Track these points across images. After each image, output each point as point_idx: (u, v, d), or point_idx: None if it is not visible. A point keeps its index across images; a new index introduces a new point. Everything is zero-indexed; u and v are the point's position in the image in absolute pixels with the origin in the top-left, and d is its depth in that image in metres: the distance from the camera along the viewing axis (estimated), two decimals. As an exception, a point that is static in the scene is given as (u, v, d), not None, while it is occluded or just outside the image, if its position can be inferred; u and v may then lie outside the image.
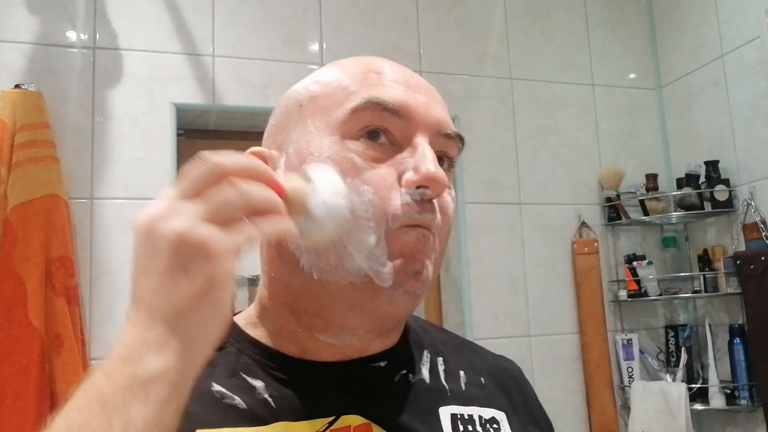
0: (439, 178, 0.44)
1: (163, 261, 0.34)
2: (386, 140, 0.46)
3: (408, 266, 0.44)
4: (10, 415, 1.31)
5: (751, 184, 1.77)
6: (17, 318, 1.35)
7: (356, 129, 0.46)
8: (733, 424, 1.83)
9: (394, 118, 0.46)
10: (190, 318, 0.34)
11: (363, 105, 0.45)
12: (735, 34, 1.83)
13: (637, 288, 1.91)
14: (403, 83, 0.48)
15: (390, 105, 0.45)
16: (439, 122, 0.48)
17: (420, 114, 0.46)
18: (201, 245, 0.33)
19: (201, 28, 1.69)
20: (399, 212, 0.43)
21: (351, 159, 0.44)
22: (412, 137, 0.46)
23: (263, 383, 0.45)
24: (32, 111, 1.44)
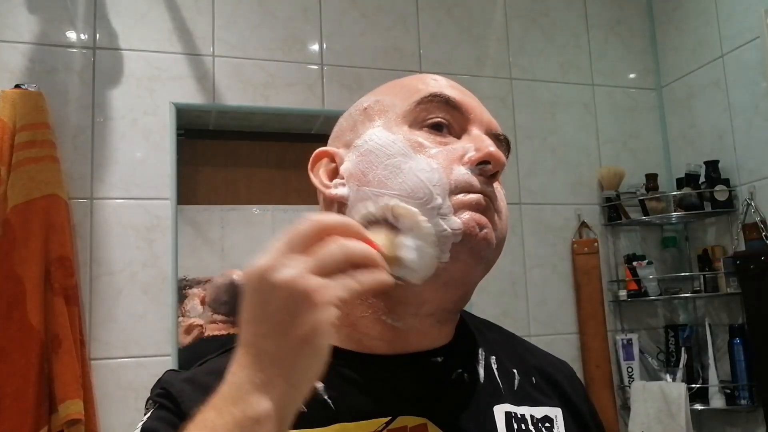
0: (499, 155, 0.48)
1: (274, 308, 0.36)
2: (446, 132, 0.51)
3: (473, 220, 0.47)
4: (10, 415, 1.31)
5: (751, 184, 1.77)
6: (16, 318, 1.35)
7: (421, 119, 0.51)
8: (733, 424, 1.83)
9: (454, 112, 0.51)
10: (295, 361, 0.36)
11: (428, 98, 0.51)
12: (735, 34, 1.83)
13: (637, 288, 1.91)
14: (455, 88, 0.54)
15: (452, 99, 0.51)
16: (491, 123, 0.53)
17: (476, 112, 0.52)
18: (307, 294, 0.36)
19: (201, 28, 1.69)
20: (461, 180, 0.48)
21: (417, 140, 0.49)
22: (469, 130, 0.51)
23: (323, 384, 0.47)
24: (32, 111, 1.44)
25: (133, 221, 1.55)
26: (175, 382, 0.48)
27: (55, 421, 1.35)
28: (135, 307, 1.52)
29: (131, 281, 1.53)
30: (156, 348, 1.52)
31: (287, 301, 0.36)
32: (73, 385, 1.36)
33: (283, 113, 1.74)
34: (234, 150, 1.85)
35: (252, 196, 1.84)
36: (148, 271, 1.55)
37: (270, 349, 0.36)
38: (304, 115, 1.76)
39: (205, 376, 0.47)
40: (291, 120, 1.79)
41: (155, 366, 1.50)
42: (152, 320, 1.53)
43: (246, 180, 1.84)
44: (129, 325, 1.51)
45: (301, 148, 1.75)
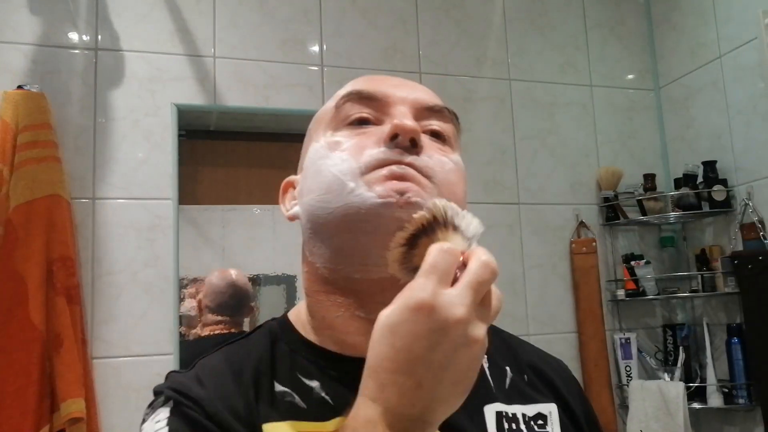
0: (406, 125, 0.47)
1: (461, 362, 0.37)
2: (370, 125, 0.50)
3: (388, 188, 0.45)
4: (11, 413, 1.31)
5: (749, 184, 1.78)
6: (18, 317, 1.35)
7: (341, 120, 0.51)
8: (730, 423, 1.83)
9: (371, 103, 0.50)
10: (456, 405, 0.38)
11: (343, 97, 0.51)
12: (733, 34, 1.84)
13: (635, 287, 1.91)
14: (384, 80, 0.53)
15: (364, 92, 0.51)
16: (418, 100, 0.51)
17: (397, 95, 0.51)
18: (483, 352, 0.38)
19: (202, 30, 1.70)
20: (371, 159, 0.47)
21: (335, 140, 0.50)
22: (391, 113, 0.50)
23: (318, 383, 0.48)
24: (34, 112, 1.45)
25: (135, 221, 1.56)
26: (191, 385, 0.48)
27: (56, 419, 1.35)
28: (136, 306, 1.53)
29: (132, 281, 1.54)
30: (157, 347, 1.53)
31: (474, 360, 0.37)
32: (75, 384, 1.37)
33: (283, 114, 1.74)
34: (235, 150, 1.86)
35: (252, 196, 1.85)
36: (150, 270, 1.56)
37: (446, 395, 0.37)
38: (304, 116, 1.75)
39: (213, 377, 0.48)
40: (291, 121, 1.80)
41: (156, 365, 1.51)
42: (153, 319, 1.54)
43: (246, 180, 1.85)
44: (130, 324, 1.52)
45: (300, 148, 1.76)
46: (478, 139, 1.89)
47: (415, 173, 0.47)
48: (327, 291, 0.51)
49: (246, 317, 1.87)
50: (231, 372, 0.48)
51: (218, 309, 1.79)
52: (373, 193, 0.45)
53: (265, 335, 0.53)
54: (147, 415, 0.47)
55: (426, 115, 0.51)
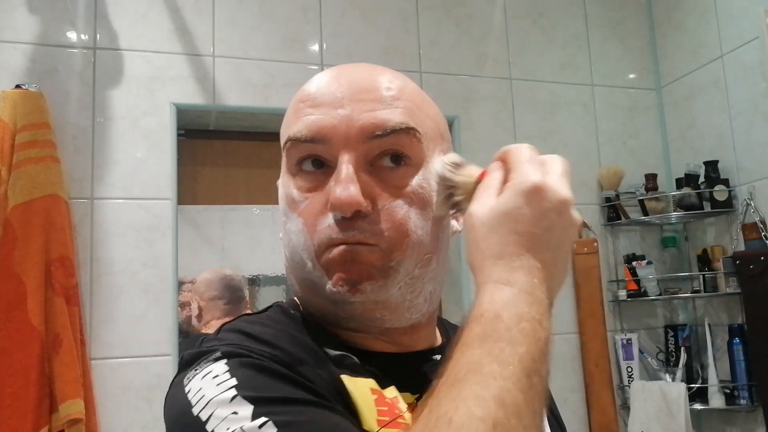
0: (339, 202, 0.45)
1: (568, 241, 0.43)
2: (320, 166, 0.48)
3: (340, 280, 0.46)
4: (10, 414, 1.31)
5: (751, 184, 1.78)
6: (17, 318, 1.35)
7: (292, 165, 0.50)
8: (732, 424, 1.83)
9: (315, 145, 0.48)
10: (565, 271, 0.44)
11: (286, 144, 0.50)
12: (734, 34, 1.83)
13: (636, 288, 1.91)
14: (325, 104, 0.48)
15: (305, 137, 0.47)
16: (363, 129, 0.47)
17: (339, 132, 0.47)
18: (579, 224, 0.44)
19: (201, 29, 1.69)
20: (323, 237, 0.46)
21: (290, 195, 0.49)
22: (339, 157, 0.47)
23: (357, 359, 0.48)
24: (33, 111, 1.44)
25: (134, 221, 1.56)
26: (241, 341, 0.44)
27: (55, 420, 1.35)
28: (135, 306, 1.52)
29: (132, 281, 1.53)
30: (156, 348, 1.52)
31: (576, 235, 0.44)
32: (74, 385, 1.36)
33: (283, 113, 1.73)
34: (234, 150, 1.85)
35: (252, 196, 1.84)
36: (149, 270, 1.55)
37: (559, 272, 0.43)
38: None
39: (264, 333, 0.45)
40: (291, 120, 1.79)
41: (155, 366, 1.51)
42: (152, 320, 1.53)
43: (246, 180, 1.85)
44: (129, 324, 1.51)
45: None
46: (479, 139, 1.88)
47: (362, 250, 0.46)
48: (318, 315, 0.51)
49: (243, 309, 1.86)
50: (277, 331, 0.46)
51: (217, 304, 1.79)
52: (328, 282, 0.46)
53: (285, 313, 0.51)
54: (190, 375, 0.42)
55: (378, 142, 0.47)
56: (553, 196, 0.41)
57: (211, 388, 0.39)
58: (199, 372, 0.41)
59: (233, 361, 0.41)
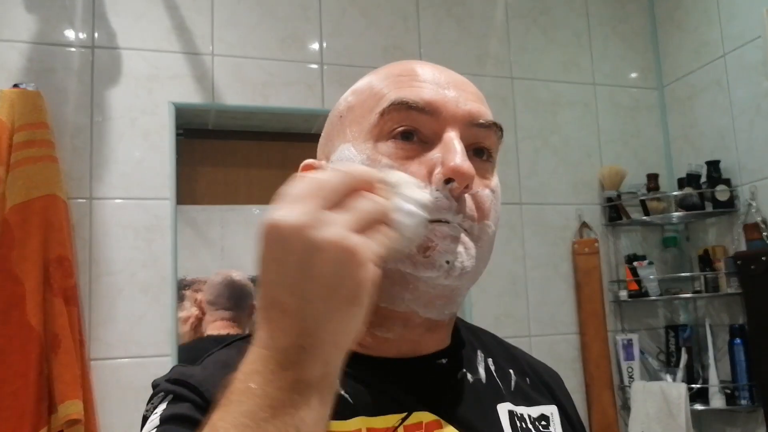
0: (463, 170, 0.45)
1: (318, 269, 0.34)
2: (417, 139, 0.47)
3: (433, 259, 0.45)
4: (9, 415, 1.30)
5: (752, 184, 1.77)
6: (15, 318, 1.34)
7: (386, 131, 0.47)
8: (733, 425, 1.83)
9: (421, 116, 0.47)
10: (342, 322, 0.35)
11: (390, 107, 0.47)
12: (736, 33, 1.82)
13: (637, 288, 1.90)
14: (432, 82, 0.49)
15: (415, 103, 0.47)
16: (471, 113, 0.48)
17: (448, 109, 0.48)
18: (353, 254, 0.34)
19: (200, 27, 1.68)
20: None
21: (380, 161, 0.46)
22: (442, 133, 0.47)
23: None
24: (31, 110, 1.43)
25: (133, 221, 1.55)
26: (192, 372, 0.47)
27: (54, 421, 1.34)
28: (134, 307, 1.52)
29: (130, 281, 1.53)
30: (155, 348, 1.52)
31: (334, 262, 0.33)
32: (73, 386, 1.36)
33: (282, 113, 1.73)
34: (234, 150, 1.84)
35: (252, 196, 1.83)
36: (148, 271, 1.54)
37: (317, 313, 0.34)
38: (303, 115, 1.76)
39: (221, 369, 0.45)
40: (291, 119, 1.78)
41: (155, 366, 1.50)
42: (152, 320, 1.52)
43: (246, 180, 1.84)
44: (128, 325, 1.51)
45: (300, 147, 1.75)
46: (480, 138, 1.87)
47: (463, 229, 0.46)
48: None
49: (249, 316, 1.85)
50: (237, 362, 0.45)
51: (219, 307, 1.78)
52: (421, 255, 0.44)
53: None
54: (147, 411, 0.46)
55: (476, 131, 0.49)
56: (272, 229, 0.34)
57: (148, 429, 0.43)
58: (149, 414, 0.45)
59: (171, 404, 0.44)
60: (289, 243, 0.33)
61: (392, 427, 0.46)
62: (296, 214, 0.34)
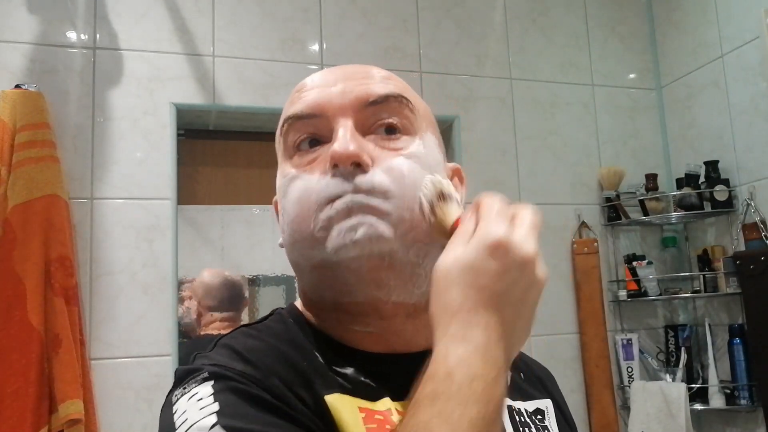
0: (338, 154, 0.45)
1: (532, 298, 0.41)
2: (318, 144, 0.49)
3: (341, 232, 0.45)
4: (10, 414, 1.31)
5: (751, 184, 1.77)
6: (16, 318, 1.35)
7: (291, 147, 0.50)
8: (732, 424, 1.83)
9: (312, 121, 0.49)
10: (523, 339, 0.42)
11: (284, 126, 0.50)
12: (735, 34, 1.83)
13: (636, 288, 1.91)
14: (318, 86, 0.50)
15: (301, 113, 0.49)
16: (357, 97, 0.48)
17: (334, 104, 0.48)
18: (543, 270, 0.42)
19: (201, 29, 1.69)
20: (323, 194, 0.46)
21: (291, 172, 0.49)
22: (335, 127, 0.48)
23: (352, 368, 0.47)
24: (32, 111, 1.44)
25: (133, 221, 1.55)
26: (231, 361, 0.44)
27: (55, 421, 1.35)
28: (135, 306, 1.52)
29: (131, 281, 1.53)
30: (156, 348, 1.52)
31: (538, 295, 0.41)
32: (73, 385, 1.36)
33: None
34: (234, 150, 1.85)
35: (252, 196, 1.84)
36: (148, 270, 1.55)
37: (520, 334, 0.41)
38: None
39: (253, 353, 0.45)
40: (291, 120, 1.78)
41: (155, 366, 1.50)
42: (152, 320, 1.53)
43: (246, 180, 1.84)
44: (129, 324, 1.51)
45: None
46: (479, 139, 1.88)
47: (363, 200, 0.45)
48: (319, 308, 0.51)
49: (242, 311, 1.86)
50: (268, 348, 0.46)
51: (217, 307, 1.79)
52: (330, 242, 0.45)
53: (284, 321, 0.51)
54: (178, 394, 0.43)
55: (373, 110, 0.48)
56: (517, 252, 0.39)
57: (195, 411, 0.40)
58: (187, 392, 0.42)
59: (218, 384, 0.41)
60: (524, 268, 0.40)
61: None
62: (534, 246, 0.40)
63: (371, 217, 0.45)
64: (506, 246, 0.39)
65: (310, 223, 0.46)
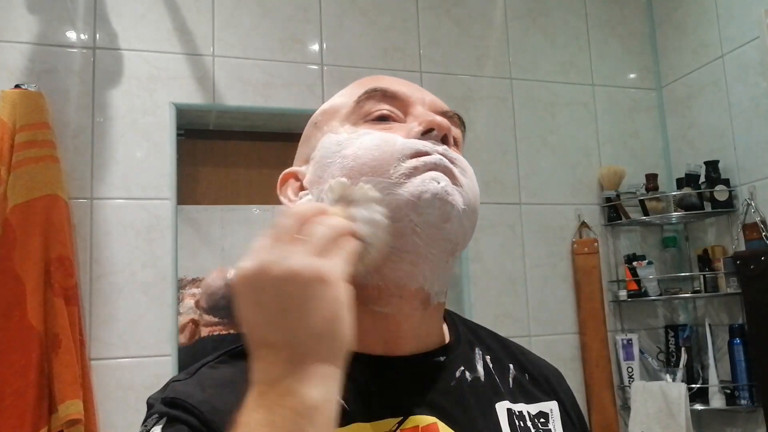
0: (440, 121, 0.49)
1: (291, 299, 0.36)
2: (391, 122, 0.51)
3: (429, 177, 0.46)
4: (9, 415, 1.31)
5: (751, 184, 1.77)
6: (16, 318, 1.35)
7: (362, 115, 0.51)
8: (733, 425, 1.83)
9: (394, 101, 0.52)
10: (330, 343, 0.37)
11: (365, 94, 0.52)
12: (735, 34, 1.83)
13: (637, 288, 1.91)
14: (397, 83, 0.54)
15: (389, 90, 0.52)
16: (435, 103, 0.53)
17: (416, 96, 0.53)
18: (319, 273, 0.36)
19: (201, 28, 1.69)
20: (410, 146, 0.47)
21: (359, 131, 0.50)
22: (412, 112, 0.51)
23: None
24: (32, 111, 1.44)
25: (133, 221, 1.55)
26: (190, 391, 0.46)
27: (54, 421, 1.34)
28: (135, 307, 1.52)
29: (131, 281, 1.53)
30: (156, 348, 1.52)
31: (305, 288, 0.36)
32: (73, 385, 1.36)
33: (283, 113, 1.73)
34: (234, 150, 1.85)
35: (252, 196, 1.84)
36: (148, 271, 1.55)
37: (302, 341, 0.36)
38: (304, 115, 1.74)
39: (221, 388, 0.46)
40: (291, 120, 1.79)
41: (155, 366, 1.50)
42: (152, 320, 1.53)
43: (246, 180, 1.84)
44: (129, 325, 1.51)
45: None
46: (479, 139, 1.88)
47: (449, 165, 0.48)
48: None
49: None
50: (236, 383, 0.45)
51: (221, 314, 1.78)
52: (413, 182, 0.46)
53: None
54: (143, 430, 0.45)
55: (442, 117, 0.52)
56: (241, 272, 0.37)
57: None
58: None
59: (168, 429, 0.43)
60: (259, 283, 0.36)
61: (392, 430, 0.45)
62: (257, 256, 0.37)
63: (453, 184, 0.47)
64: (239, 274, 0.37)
65: (389, 168, 0.46)
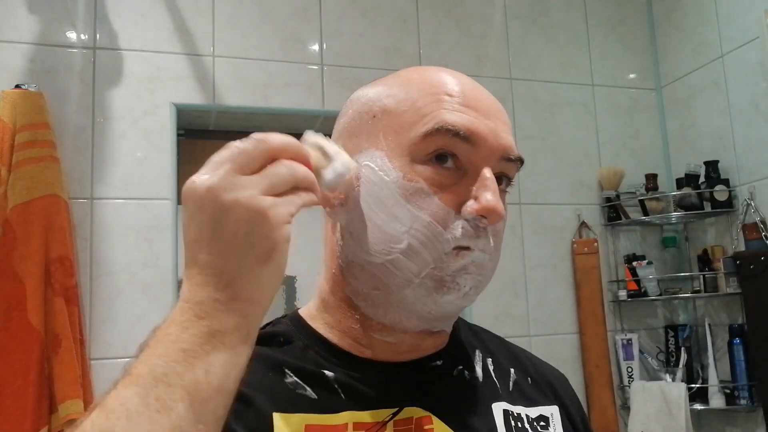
0: (497, 210, 0.46)
1: (230, 229, 0.37)
2: (452, 164, 0.47)
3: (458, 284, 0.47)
4: (10, 414, 1.31)
5: (751, 184, 1.77)
6: (16, 318, 1.35)
7: (426, 152, 0.47)
8: (732, 424, 1.83)
9: (463, 144, 0.47)
10: (256, 280, 0.38)
11: (435, 129, 0.47)
12: (735, 34, 1.83)
13: (636, 288, 1.91)
14: (474, 107, 0.48)
15: (461, 132, 0.47)
16: (505, 148, 0.49)
17: (488, 141, 0.48)
18: (264, 214, 0.37)
19: (201, 29, 1.69)
20: (455, 236, 0.46)
21: (417, 185, 0.47)
22: (478, 164, 0.48)
23: (333, 374, 0.48)
24: (32, 111, 1.44)
25: (134, 221, 1.56)
26: None
27: (55, 421, 1.35)
28: (135, 307, 1.52)
29: (131, 281, 1.53)
30: (156, 348, 1.52)
31: (246, 222, 0.37)
32: (73, 385, 1.36)
33: (283, 113, 1.74)
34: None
35: (252, 196, 1.84)
36: (148, 271, 1.55)
37: (231, 269, 0.37)
38: (304, 116, 1.77)
39: None
40: (291, 120, 1.79)
41: (155, 366, 1.50)
42: (152, 320, 1.51)
43: (246, 180, 1.84)
44: (129, 325, 1.51)
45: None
46: (479, 139, 1.88)
47: (483, 260, 0.48)
48: (350, 306, 0.51)
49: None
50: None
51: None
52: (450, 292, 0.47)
53: (275, 335, 0.52)
54: None
55: (506, 165, 0.50)
56: (187, 193, 0.38)
57: None
58: None
59: None
60: (202, 203, 0.37)
61: (381, 422, 0.46)
62: (211, 177, 0.37)
63: (480, 277, 0.48)
64: (185, 190, 0.38)
65: (429, 259, 0.46)
